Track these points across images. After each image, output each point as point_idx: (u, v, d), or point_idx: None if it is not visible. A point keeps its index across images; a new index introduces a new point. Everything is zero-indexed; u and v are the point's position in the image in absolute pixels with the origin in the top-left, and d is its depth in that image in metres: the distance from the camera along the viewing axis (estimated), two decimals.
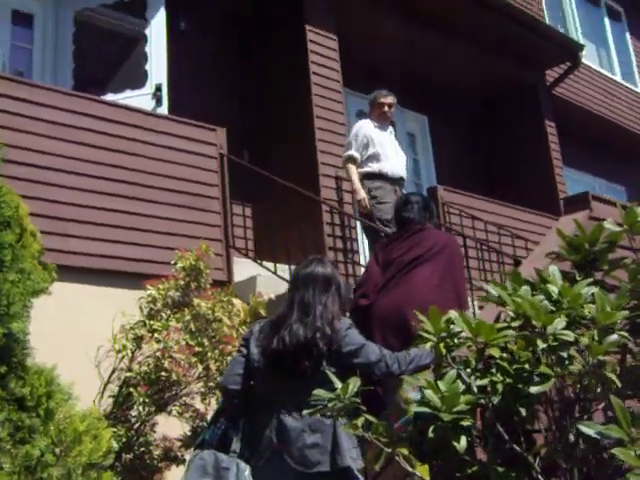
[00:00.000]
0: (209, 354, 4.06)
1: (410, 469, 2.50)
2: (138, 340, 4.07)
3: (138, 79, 6.93)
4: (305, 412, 2.84)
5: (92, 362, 4.20)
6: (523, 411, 2.54)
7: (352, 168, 6.65)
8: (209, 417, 4.36)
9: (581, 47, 11.32)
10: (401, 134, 10.24)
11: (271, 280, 6.10)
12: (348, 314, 3.92)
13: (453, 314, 2.56)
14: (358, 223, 7.23)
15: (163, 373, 3.86)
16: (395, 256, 4.22)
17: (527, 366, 2.51)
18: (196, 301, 4.14)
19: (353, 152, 6.67)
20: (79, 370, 3.45)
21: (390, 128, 7.02)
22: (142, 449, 4.17)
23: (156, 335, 4.02)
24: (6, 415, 3.03)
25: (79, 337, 4.74)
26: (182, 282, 4.21)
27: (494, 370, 2.42)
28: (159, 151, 6.25)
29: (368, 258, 6.27)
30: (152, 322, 4.06)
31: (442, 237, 4.42)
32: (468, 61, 10.16)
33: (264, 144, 7.92)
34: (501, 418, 2.48)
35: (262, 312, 4.67)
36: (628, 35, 14.87)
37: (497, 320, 2.70)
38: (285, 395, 3.18)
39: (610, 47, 14.39)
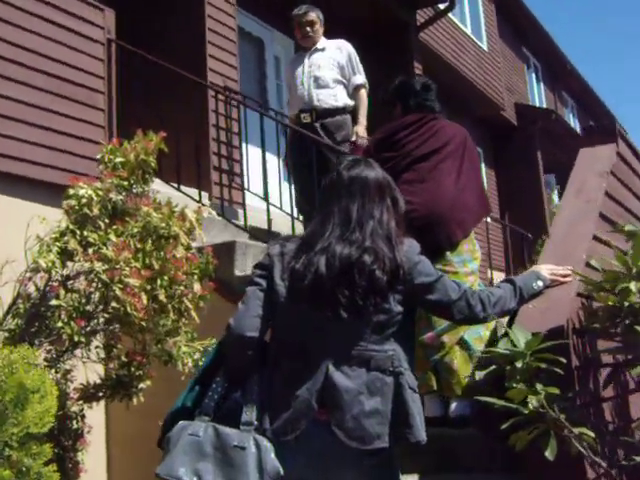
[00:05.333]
0: (159, 281, 3.03)
1: (584, 451, 1.79)
2: (65, 256, 2.95)
3: None
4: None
5: None
6: None
7: None
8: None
9: None
10: (268, 56, 9.39)
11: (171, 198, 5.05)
12: None
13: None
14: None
15: (113, 304, 2.79)
16: (410, 148, 3.65)
17: None
18: (145, 209, 3.06)
19: None
20: None
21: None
22: None
23: (91, 250, 2.93)
24: None
25: None
26: (125, 183, 3.11)
27: None
28: (41, 25, 4.95)
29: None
30: (86, 233, 2.96)
31: (458, 130, 3.81)
32: None
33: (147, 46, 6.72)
34: None
35: (199, 230, 3.70)
36: None
37: None
38: (329, 342, 2.23)
39: None
